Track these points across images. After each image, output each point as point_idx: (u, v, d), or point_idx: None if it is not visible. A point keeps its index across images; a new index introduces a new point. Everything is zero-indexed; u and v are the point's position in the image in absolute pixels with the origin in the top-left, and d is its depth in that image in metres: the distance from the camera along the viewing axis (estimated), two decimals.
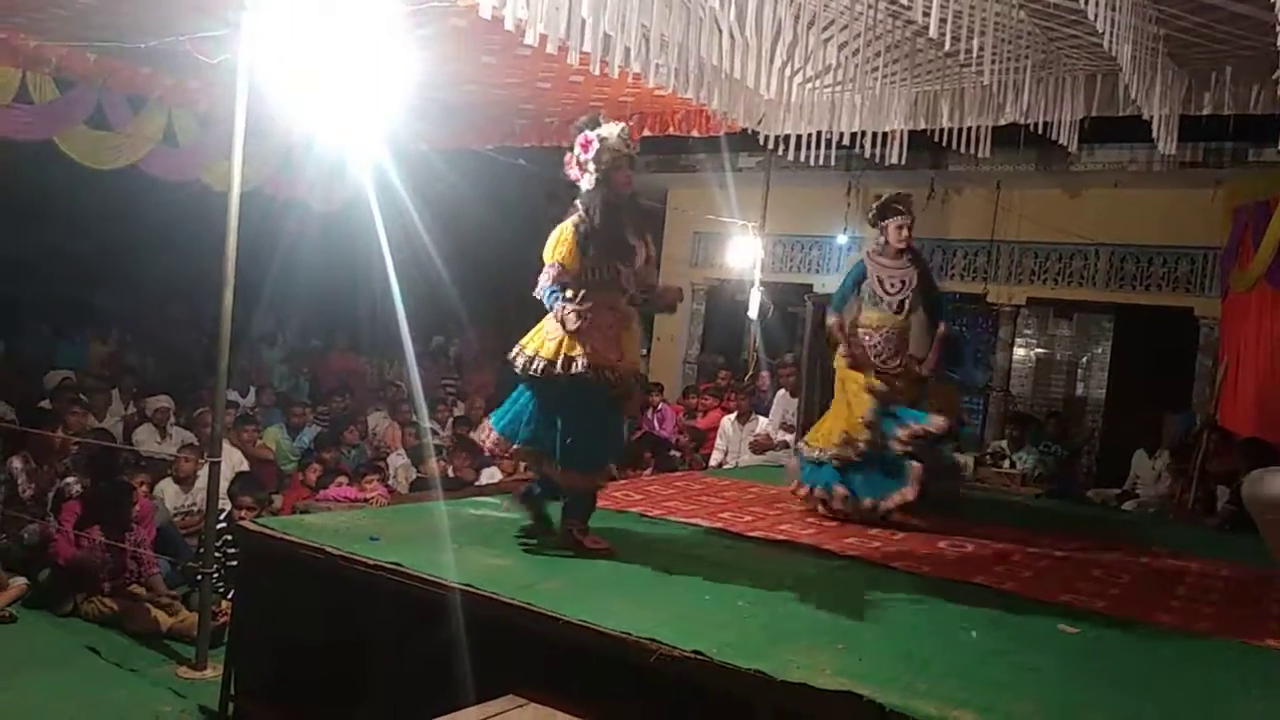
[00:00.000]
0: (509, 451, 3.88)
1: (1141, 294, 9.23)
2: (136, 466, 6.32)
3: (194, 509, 6.19)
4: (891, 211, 5.17)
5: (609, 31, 4.19)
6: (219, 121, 7.01)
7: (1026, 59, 5.03)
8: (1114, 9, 3.96)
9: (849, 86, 5.93)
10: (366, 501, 6.02)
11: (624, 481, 6.24)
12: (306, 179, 8.26)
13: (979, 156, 5.94)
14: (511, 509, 4.19)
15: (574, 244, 3.68)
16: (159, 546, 5.52)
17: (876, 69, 5.51)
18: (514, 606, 3.01)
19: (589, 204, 3.74)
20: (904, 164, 6.19)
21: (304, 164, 7.97)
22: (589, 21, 4.11)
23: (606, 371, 3.65)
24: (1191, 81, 5.29)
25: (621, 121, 3.87)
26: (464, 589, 3.11)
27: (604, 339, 3.68)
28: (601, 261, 3.71)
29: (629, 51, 4.43)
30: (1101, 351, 11.22)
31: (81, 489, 5.69)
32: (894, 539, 4.57)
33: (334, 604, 3.46)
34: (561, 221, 3.80)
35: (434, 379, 10.19)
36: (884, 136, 6.07)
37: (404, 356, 8.72)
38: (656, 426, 9.15)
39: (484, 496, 5.12)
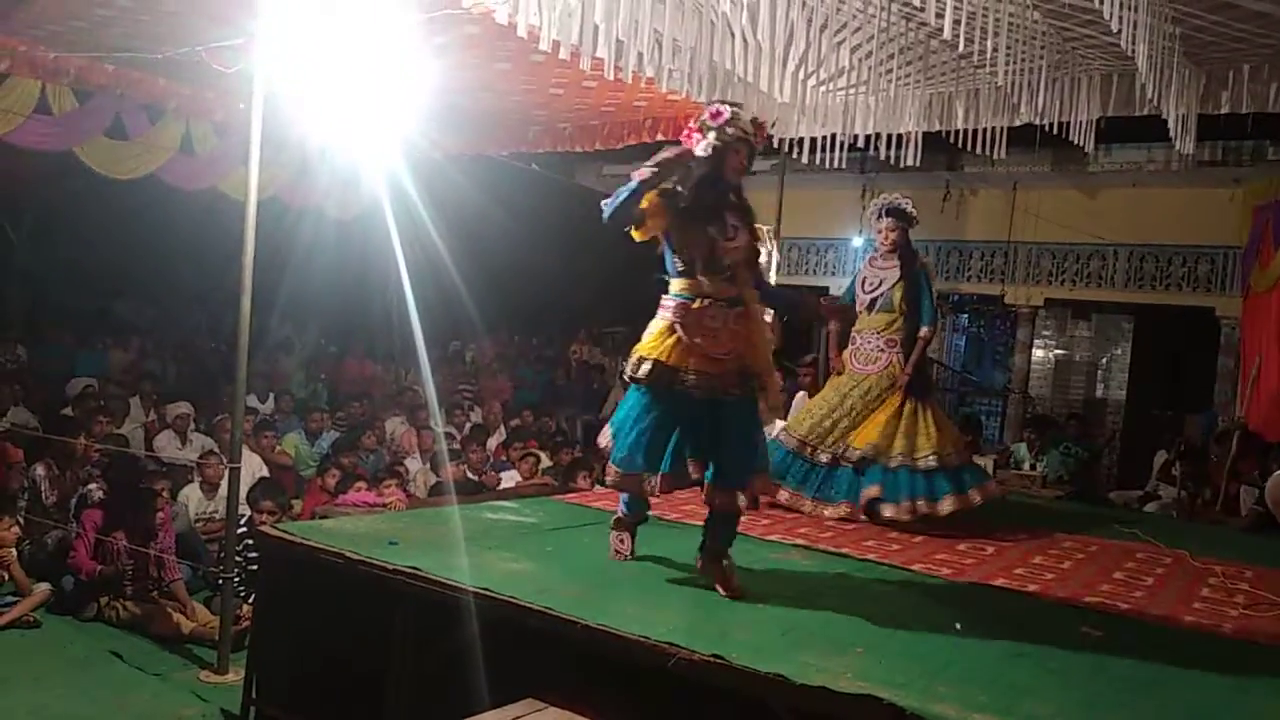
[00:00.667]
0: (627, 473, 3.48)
1: (1161, 294, 9.16)
2: (157, 473, 6.37)
3: (215, 515, 6.23)
4: (879, 214, 5.20)
5: (621, 37, 4.20)
6: (236, 130, 7.07)
7: (1041, 59, 5.01)
8: (1130, 8, 3.95)
9: (863, 89, 5.92)
10: (385, 506, 6.04)
11: None
12: (323, 187, 8.31)
13: (994, 158, 5.92)
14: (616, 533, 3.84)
15: (664, 207, 3.33)
16: (180, 552, 5.56)
17: (890, 71, 5.50)
18: (533, 611, 3.01)
19: (691, 172, 3.39)
20: (919, 165, 6.19)
21: (320, 172, 8.02)
22: (601, 27, 4.12)
23: (715, 373, 3.33)
24: (1209, 80, 5.27)
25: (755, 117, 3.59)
26: (482, 593, 3.12)
27: (714, 335, 3.34)
28: (697, 231, 3.36)
29: (641, 57, 4.44)
30: (1121, 352, 11.15)
31: (103, 495, 5.75)
32: (913, 542, 4.54)
33: (353, 608, 3.47)
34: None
35: (450, 384, 10.23)
36: (899, 138, 6.06)
37: (420, 362, 8.76)
38: None
39: (502, 501, 5.14)
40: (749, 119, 3.47)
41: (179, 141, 7.51)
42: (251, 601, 4.73)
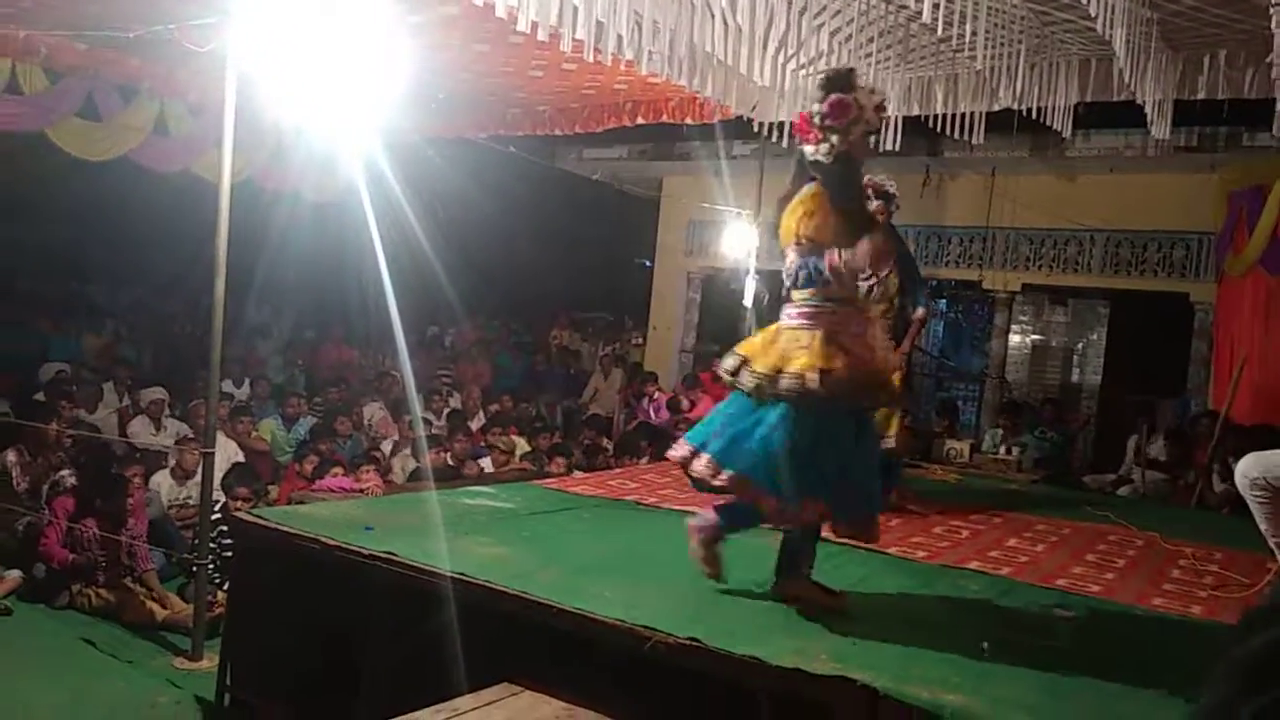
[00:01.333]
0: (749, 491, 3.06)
1: (1137, 279, 9.23)
2: (131, 459, 6.31)
3: (189, 501, 6.18)
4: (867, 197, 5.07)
5: (601, 19, 4.17)
6: (210, 111, 6.97)
7: (1020, 44, 5.01)
8: None
9: None
10: (362, 492, 6.02)
11: (620, 470, 6.26)
12: (298, 169, 8.22)
13: (973, 142, 5.92)
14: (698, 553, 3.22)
15: (828, 213, 3.03)
16: (153, 539, 5.52)
17: (869, 55, 5.48)
18: (509, 595, 3.01)
19: (832, 175, 3.05)
20: (898, 150, 6.17)
21: (295, 154, 7.93)
22: (580, 8, 4.09)
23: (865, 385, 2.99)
24: (1185, 66, 5.28)
25: (872, 88, 3.17)
26: (458, 578, 3.11)
27: (858, 344, 3.02)
28: (852, 234, 3.01)
29: (621, 39, 4.40)
30: (1097, 337, 11.24)
31: (75, 482, 5.68)
32: (888, 525, 4.55)
33: (329, 594, 3.46)
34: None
35: (429, 369, 10.19)
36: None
37: (398, 348, 8.71)
38: (653, 416, 9.16)
39: (480, 486, 5.12)
40: (874, 101, 3.06)
41: (153, 123, 7.41)
42: (226, 588, 4.70)
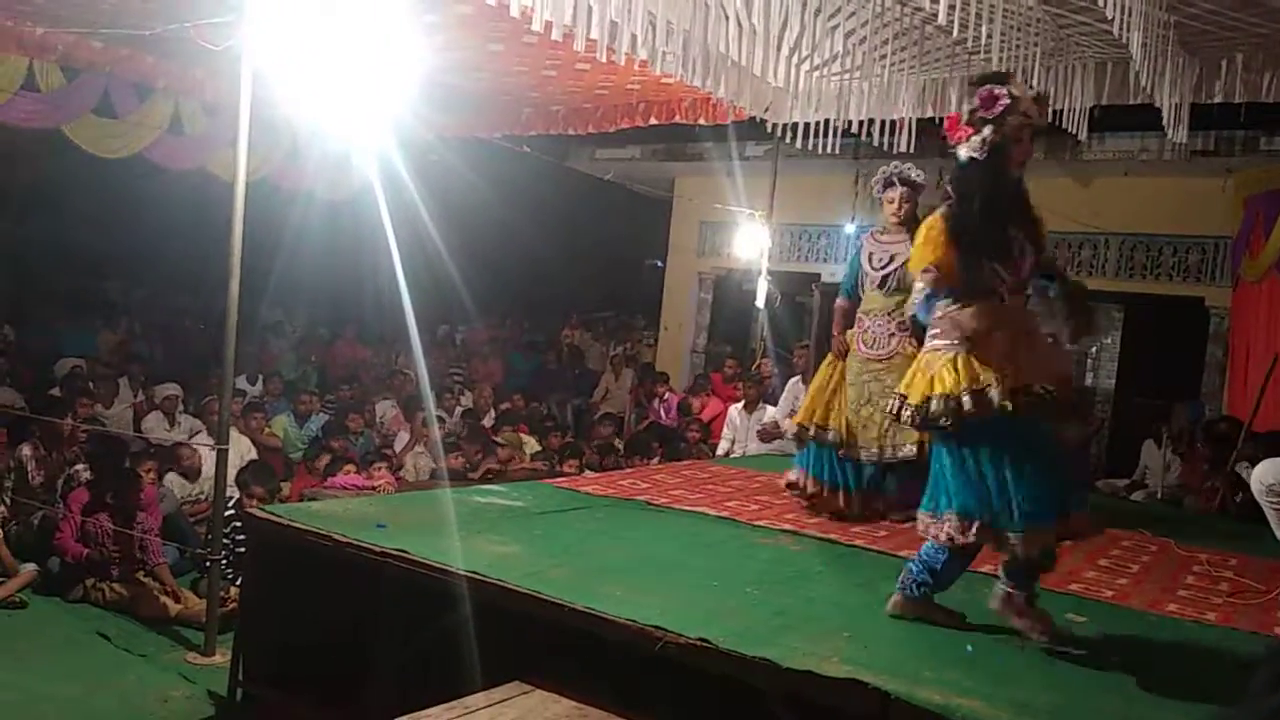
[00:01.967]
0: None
1: (1152, 283, 9.18)
2: (145, 454, 6.35)
3: (203, 497, 6.22)
4: (890, 182, 4.93)
5: (615, 19, 4.17)
6: (225, 110, 7.01)
7: (1036, 46, 4.99)
8: None
9: (857, 74, 5.89)
10: (374, 489, 6.04)
11: (631, 470, 6.26)
12: (313, 168, 8.25)
13: None
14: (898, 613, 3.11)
15: (947, 239, 2.87)
16: (167, 534, 5.54)
17: (885, 56, 5.48)
18: (520, 594, 3.01)
19: (968, 182, 2.90)
20: (913, 152, 6.16)
21: (310, 152, 7.96)
22: (595, 8, 4.09)
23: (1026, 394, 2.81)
24: (1202, 69, 5.26)
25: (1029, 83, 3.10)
26: (470, 576, 3.12)
27: (1000, 354, 2.84)
28: (972, 259, 2.86)
29: (635, 39, 4.41)
30: (1111, 341, 11.17)
31: (90, 476, 5.72)
32: (901, 528, 4.55)
33: (341, 591, 3.47)
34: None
35: (441, 368, 10.22)
36: (892, 124, 6.04)
37: (411, 346, 8.73)
38: (664, 416, 9.16)
39: (491, 485, 5.13)
40: (1031, 95, 2.92)
41: (168, 120, 7.45)
42: (239, 584, 4.72)
